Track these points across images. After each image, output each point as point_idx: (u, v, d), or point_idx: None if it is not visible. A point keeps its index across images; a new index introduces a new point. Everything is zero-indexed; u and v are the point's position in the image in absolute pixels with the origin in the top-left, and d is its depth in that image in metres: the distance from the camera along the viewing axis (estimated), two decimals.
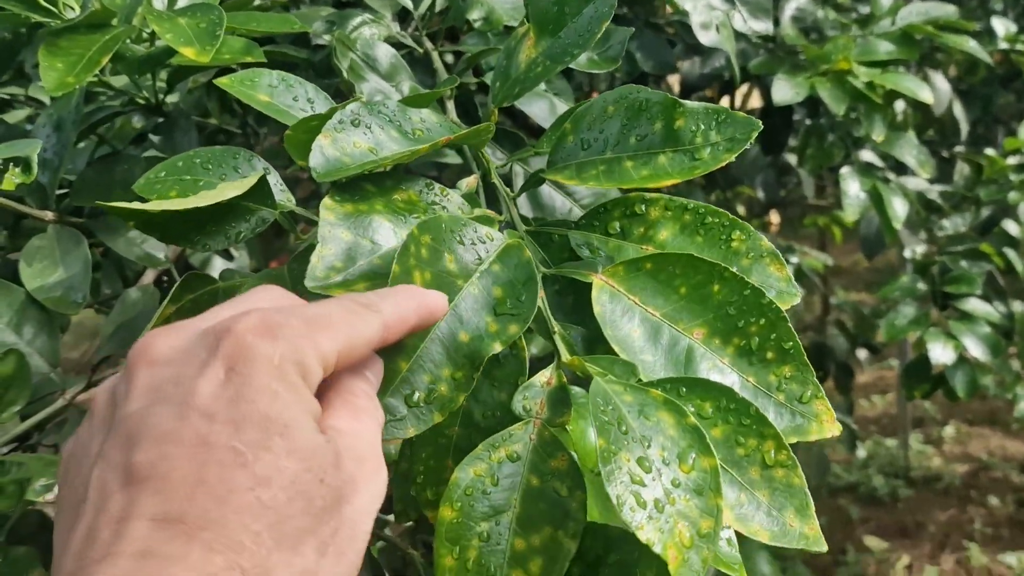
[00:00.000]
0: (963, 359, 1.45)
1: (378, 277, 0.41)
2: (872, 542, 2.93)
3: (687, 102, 0.46)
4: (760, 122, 0.46)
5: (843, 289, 4.65)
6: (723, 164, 0.45)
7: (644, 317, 0.43)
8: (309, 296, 0.41)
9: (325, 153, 0.43)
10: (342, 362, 0.35)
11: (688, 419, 0.38)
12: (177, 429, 0.31)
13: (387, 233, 0.43)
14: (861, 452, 3.36)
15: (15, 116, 0.95)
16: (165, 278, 0.87)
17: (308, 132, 0.46)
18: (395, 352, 0.39)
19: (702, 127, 0.46)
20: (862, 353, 1.98)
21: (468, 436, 0.41)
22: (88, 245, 0.68)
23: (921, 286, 1.50)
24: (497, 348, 0.40)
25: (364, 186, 0.44)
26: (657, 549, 0.35)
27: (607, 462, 0.35)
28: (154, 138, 0.80)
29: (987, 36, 1.65)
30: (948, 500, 3.19)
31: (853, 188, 1.32)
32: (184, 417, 0.31)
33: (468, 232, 0.43)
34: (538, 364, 0.44)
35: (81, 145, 0.84)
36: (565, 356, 0.43)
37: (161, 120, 0.80)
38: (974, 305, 1.45)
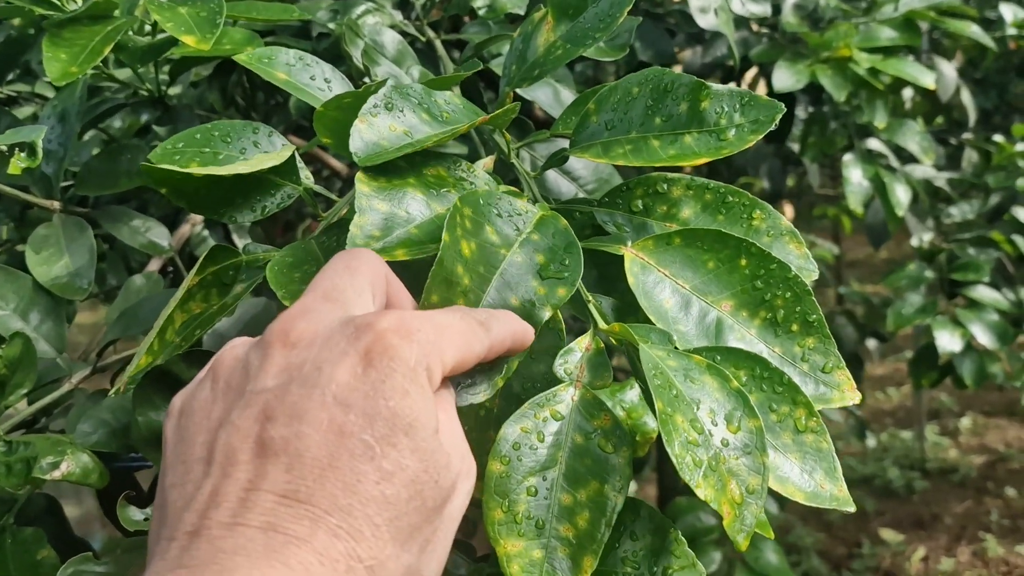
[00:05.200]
0: (971, 347, 1.44)
1: (415, 245, 0.43)
2: (888, 534, 2.92)
3: (713, 84, 0.47)
4: (783, 106, 0.47)
5: (858, 281, 4.62)
6: (749, 144, 0.46)
7: (675, 289, 0.45)
8: None
9: (364, 137, 0.45)
10: (453, 371, 0.37)
11: (732, 382, 0.40)
12: (314, 411, 0.32)
13: (420, 205, 0.44)
14: (871, 442, 3.34)
15: (22, 112, 0.97)
16: (170, 267, 0.88)
17: (340, 110, 0.47)
18: None
19: (726, 109, 0.47)
20: (872, 344, 1.97)
21: (508, 408, 0.42)
22: (93, 234, 0.69)
23: (928, 274, 1.50)
24: (547, 314, 0.41)
25: (396, 162, 0.45)
26: (713, 505, 0.37)
27: (665, 423, 0.37)
28: (158, 129, 0.81)
29: (1001, 22, 1.65)
30: (964, 492, 3.18)
31: (855, 176, 1.32)
32: (322, 401, 0.32)
33: (503, 205, 0.44)
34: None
35: (87, 138, 0.86)
36: (602, 323, 0.44)
37: (164, 112, 0.82)
38: (982, 293, 1.44)
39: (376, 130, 0.45)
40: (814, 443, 0.41)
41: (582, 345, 0.43)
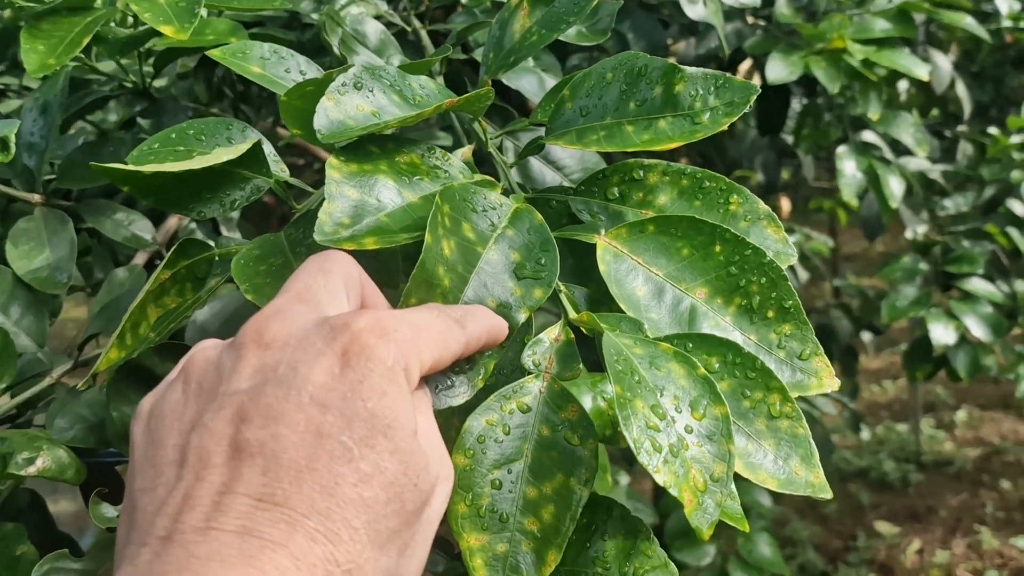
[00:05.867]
0: (965, 340, 1.44)
1: (386, 234, 0.42)
2: (883, 527, 2.92)
3: (686, 68, 0.47)
4: (758, 87, 0.46)
5: (854, 273, 4.62)
6: (723, 127, 0.46)
7: (648, 277, 0.44)
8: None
9: (329, 115, 0.43)
10: (431, 370, 0.36)
11: (699, 370, 0.39)
12: (290, 413, 0.31)
13: (391, 193, 0.43)
14: (865, 435, 3.35)
15: (9, 106, 0.96)
16: (157, 260, 0.88)
17: (304, 98, 0.46)
18: None
19: (701, 92, 0.46)
20: (868, 337, 1.97)
21: (475, 395, 0.41)
22: (76, 228, 0.69)
23: (923, 267, 1.49)
24: (523, 316, 0.41)
25: (368, 147, 0.45)
26: (673, 492, 0.36)
27: (623, 408, 0.36)
28: (143, 122, 0.80)
29: (996, 15, 1.64)
30: (959, 484, 3.18)
31: (849, 168, 1.31)
32: (298, 402, 0.31)
33: (479, 199, 0.44)
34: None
35: (72, 131, 0.85)
36: (572, 313, 0.43)
37: (150, 104, 0.81)
38: (976, 285, 1.44)
39: (343, 108, 0.44)
40: (789, 429, 0.40)
41: (551, 335, 0.43)
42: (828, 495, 0.40)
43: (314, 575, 0.29)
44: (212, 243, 0.51)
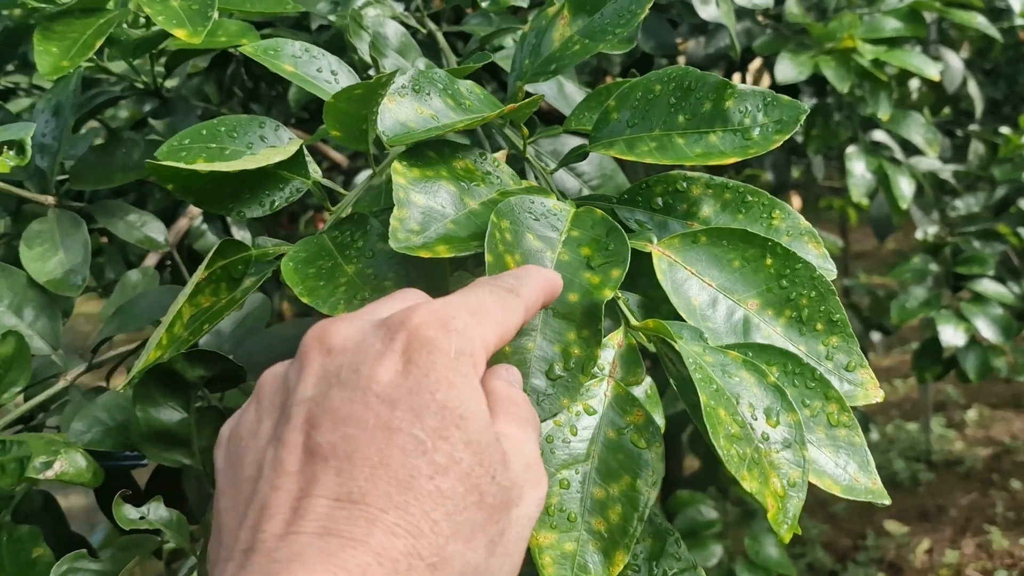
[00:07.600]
0: (975, 341, 1.43)
1: (455, 241, 0.43)
2: (892, 526, 2.91)
3: (738, 84, 0.47)
4: (807, 106, 0.47)
5: (865, 272, 4.60)
6: (776, 145, 0.46)
7: (701, 287, 0.45)
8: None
9: (394, 117, 0.44)
10: (497, 348, 0.36)
11: (769, 378, 0.40)
12: (359, 413, 0.31)
13: (454, 199, 0.44)
14: (875, 435, 3.34)
15: (18, 105, 0.96)
16: (168, 262, 0.88)
17: (350, 101, 0.47)
18: (518, 336, 0.41)
19: (750, 109, 0.47)
20: (878, 335, 1.96)
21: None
22: (89, 229, 0.69)
23: (933, 267, 1.49)
24: (608, 295, 0.42)
25: (427, 153, 0.45)
26: (759, 498, 0.37)
27: (710, 416, 0.37)
28: (154, 122, 0.81)
29: (1010, 13, 1.63)
30: (970, 484, 3.16)
31: (859, 168, 1.31)
32: (366, 402, 0.31)
33: (537, 207, 0.45)
34: None
35: (84, 131, 0.85)
36: (633, 320, 0.44)
37: (161, 104, 0.81)
38: (987, 286, 1.43)
39: (404, 111, 0.45)
40: (847, 437, 0.41)
41: (614, 341, 0.44)
42: (887, 501, 0.41)
43: (396, 569, 0.29)
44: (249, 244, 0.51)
